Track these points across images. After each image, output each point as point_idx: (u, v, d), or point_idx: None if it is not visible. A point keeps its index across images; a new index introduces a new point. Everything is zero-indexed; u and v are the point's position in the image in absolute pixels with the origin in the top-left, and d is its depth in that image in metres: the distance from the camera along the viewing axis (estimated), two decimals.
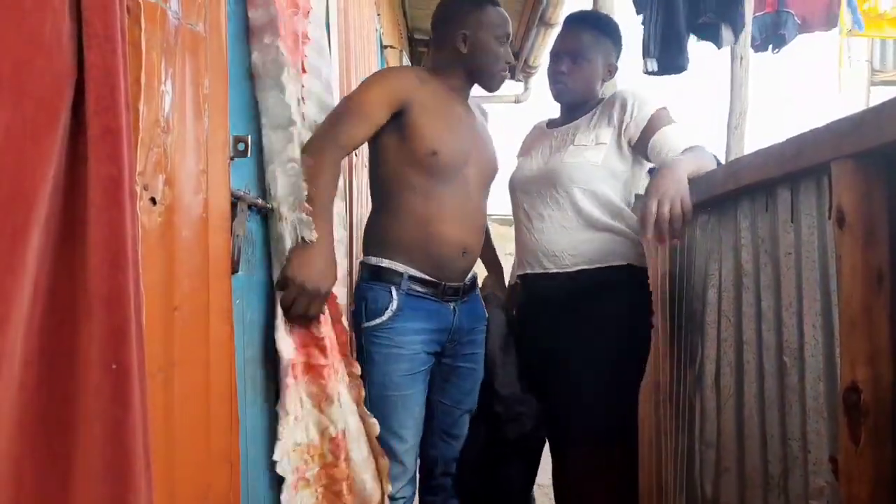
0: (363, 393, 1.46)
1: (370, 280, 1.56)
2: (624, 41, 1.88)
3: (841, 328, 1.05)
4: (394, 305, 1.52)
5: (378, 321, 1.52)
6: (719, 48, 2.14)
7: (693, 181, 1.74)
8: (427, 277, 1.56)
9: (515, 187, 1.82)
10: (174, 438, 0.79)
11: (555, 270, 1.70)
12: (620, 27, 1.87)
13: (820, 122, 1.12)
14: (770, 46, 2.94)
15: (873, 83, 4.80)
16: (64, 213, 0.61)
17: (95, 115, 0.61)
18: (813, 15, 2.84)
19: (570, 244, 1.67)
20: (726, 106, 2.31)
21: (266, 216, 1.26)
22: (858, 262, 1.00)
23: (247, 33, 1.20)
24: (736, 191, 1.50)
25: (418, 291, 1.56)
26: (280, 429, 1.17)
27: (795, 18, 2.50)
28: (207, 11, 0.89)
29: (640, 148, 1.64)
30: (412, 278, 1.55)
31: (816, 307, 1.24)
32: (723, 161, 2.35)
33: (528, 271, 1.76)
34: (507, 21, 1.63)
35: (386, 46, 3.66)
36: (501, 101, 5.71)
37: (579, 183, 1.66)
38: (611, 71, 1.78)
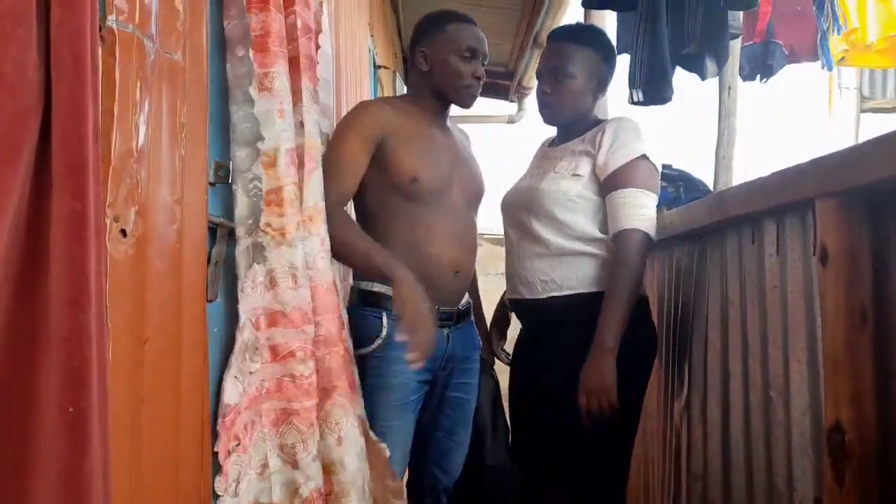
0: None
1: (361, 305, 1.50)
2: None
3: (825, 367, 1.04)
4: (383, 333, 1.48)
5: (367, 349, 1.47)
6: (703, 80, 2.14)
7: (679, 212, 1.73)
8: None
9: (501, 208, 1.76)
10: (140, 478, 0.77)
11: (529, 297, 1.61)
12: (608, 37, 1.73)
13: (807, 154, 1.12)
14: (758, 76, 2.97)
15: (863, 110, 4.84)
16: (26, 249, 0.59)
17: (61, 150, 0.59)
18: (801, 46, 2.87)
19: (540, 270, 1.59)
20: (714, 135, 2.32)
21: None
22: (842, 300, 0.99)
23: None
24: (723, 221, 1.50)
25: None
26: None
27: (783, 49, 2.51)
28: (187, 39, 0.88)
29: (604, 192, 1.56)
30: None
31: (802, 342, 1.23)
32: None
33: (510, 296, 1.70)
34: (473, 36, 1.56)
35: (379, 67, 3.67)
36: (495, 122, 5.73)
37: (545, 211, 1.58)
38: (601, 84, 1.65)
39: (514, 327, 1.92)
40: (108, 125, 0.73)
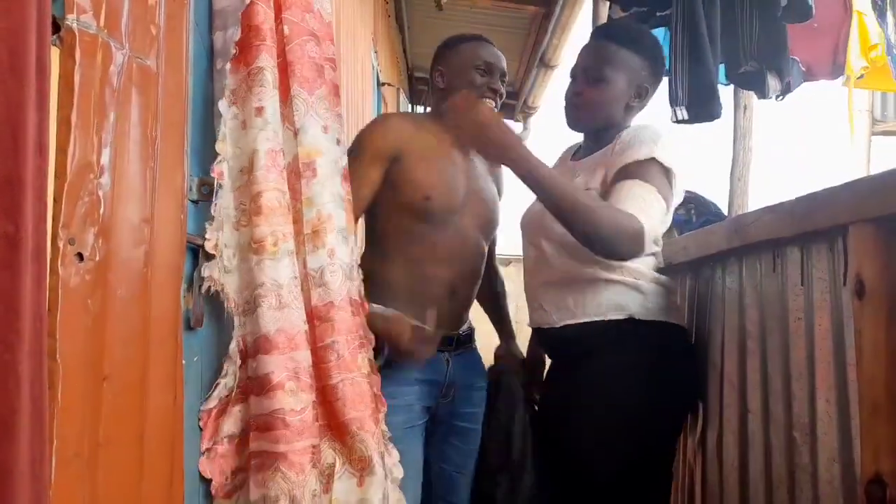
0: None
1: None
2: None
3: (861, 412, 0.94)
4: (385, 351, 1.39)
5: None
6: (765, 98, 2.03)
7: (694, 236, 1.64)
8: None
9: (521, 229, 1.59)
10: None
11: (546, 327, 1.47)
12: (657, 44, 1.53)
13: (830, 177, 1.04)
14: (775, 94, 2.88)
15: (874, 133, 4.77)
16: None
17: None
18: (818, 63, 2.78)
19: (554, 296, 1.44)
20: (728, 155, 2.23)
21: None
22: (881, 338, 0.89)
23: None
24: (740, 247, 1.41)
25: None
26: None
27: (800, 66, 2.44)
28: (162, 44, 0.81)
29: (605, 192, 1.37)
30: None
31: (830, 380, 1.14)
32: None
33: (531, 325, 1.56)
34: (488, 52, 1.56)
35: (383, 84, 3.62)
36: None
37: (555, 233, 1.38)
38: (640, 94, 1.45)
39: None
40: (64, 136, 0.65)
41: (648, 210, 1.27)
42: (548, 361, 1.63)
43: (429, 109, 1.72)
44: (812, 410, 1.18)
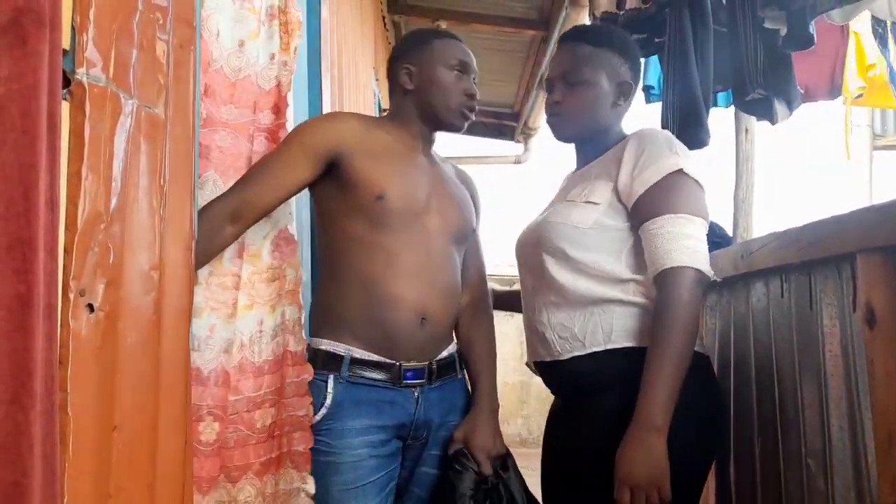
0: None
1: (313, 367, 1.25)
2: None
3: (877, 443, 0.93)
4: (328, 401, 1.22)
5: (314, 422, 1.22)
6: (773, 124, 2.06)
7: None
8: (376, 358, 1.25)
9: (515, 250, 1.42)
10: None
11: (549, 360, 1.27)
12: (629, 40, 1.42)
13: (834, 195, 1.03)
14: (784, 119, 2.90)
15: (875, 148, 4.78)
16: None
17: (3, 222, 0.51)
18: (816, 84, 2.81)
19: (557, 324, 1.24)
20: (731, 178, 2.24)
21: None
22: (893, 368, 0.89)
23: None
24: (748, 272, 1.41)
25: (366, 378, 1.24)
26: None
27: (799, 87, 2.46)
28: (170, 92, 0.82)
29: (634, 223, 1.22)
30: (357, 361, 1.24)
31: (842, 407, 1.13)
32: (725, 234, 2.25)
33: (531, 358, 1.35)
34: (461, 50, 1.36)
35: (385, 110, 3.65)
36: (501, 162, 5.70)
37: (555, 249, 1.25)
38: (624, 92, 1.32)
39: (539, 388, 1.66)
40: (74, 188, 0.66)
41: (692, 243, 1.15)
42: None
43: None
44: (825, 437, 1.17)
